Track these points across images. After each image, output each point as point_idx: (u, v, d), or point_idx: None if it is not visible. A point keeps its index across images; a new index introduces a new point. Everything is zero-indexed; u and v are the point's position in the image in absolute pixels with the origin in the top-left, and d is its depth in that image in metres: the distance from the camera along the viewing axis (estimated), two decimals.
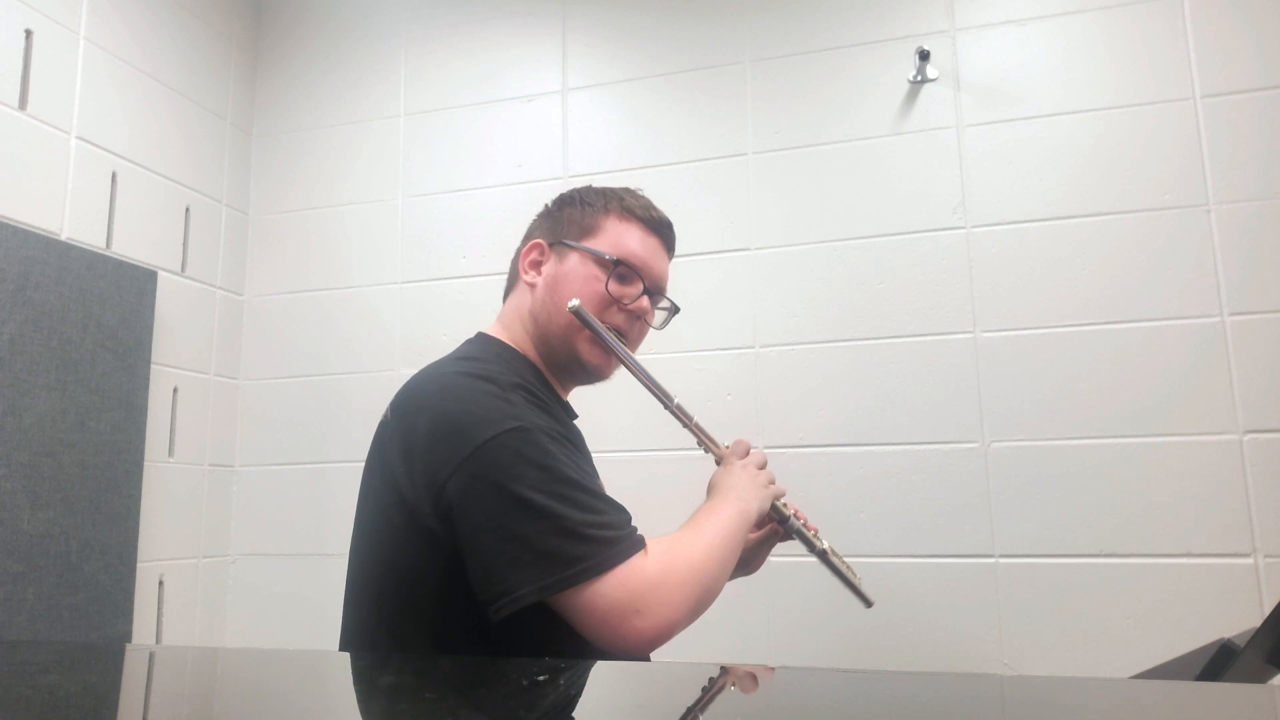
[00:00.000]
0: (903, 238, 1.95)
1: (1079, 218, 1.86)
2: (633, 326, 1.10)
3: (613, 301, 1.06)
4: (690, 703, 0.63)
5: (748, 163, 2.08)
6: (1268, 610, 1.60)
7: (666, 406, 1.08)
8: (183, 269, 2.18)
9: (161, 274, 2.08)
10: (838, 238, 1.99)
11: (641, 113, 2.17)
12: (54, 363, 1.77)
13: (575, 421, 1.13)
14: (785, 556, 1.90)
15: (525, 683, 0.61)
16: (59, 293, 1.79)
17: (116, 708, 0.64)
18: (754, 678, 0.77)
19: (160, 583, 2.05)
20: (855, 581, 1.21)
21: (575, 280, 1.06)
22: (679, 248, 2.05)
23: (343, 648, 1.02)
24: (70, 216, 1.87)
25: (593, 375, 1.09)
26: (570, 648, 0.92)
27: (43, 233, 1.79)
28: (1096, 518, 1.75)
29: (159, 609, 2.04)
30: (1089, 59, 1.90)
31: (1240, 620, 1.58)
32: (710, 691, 0.67)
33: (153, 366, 2.03)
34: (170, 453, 2.10)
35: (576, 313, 1.03)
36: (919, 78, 1.97)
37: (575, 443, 1.03)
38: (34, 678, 0.69)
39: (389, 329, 2.25)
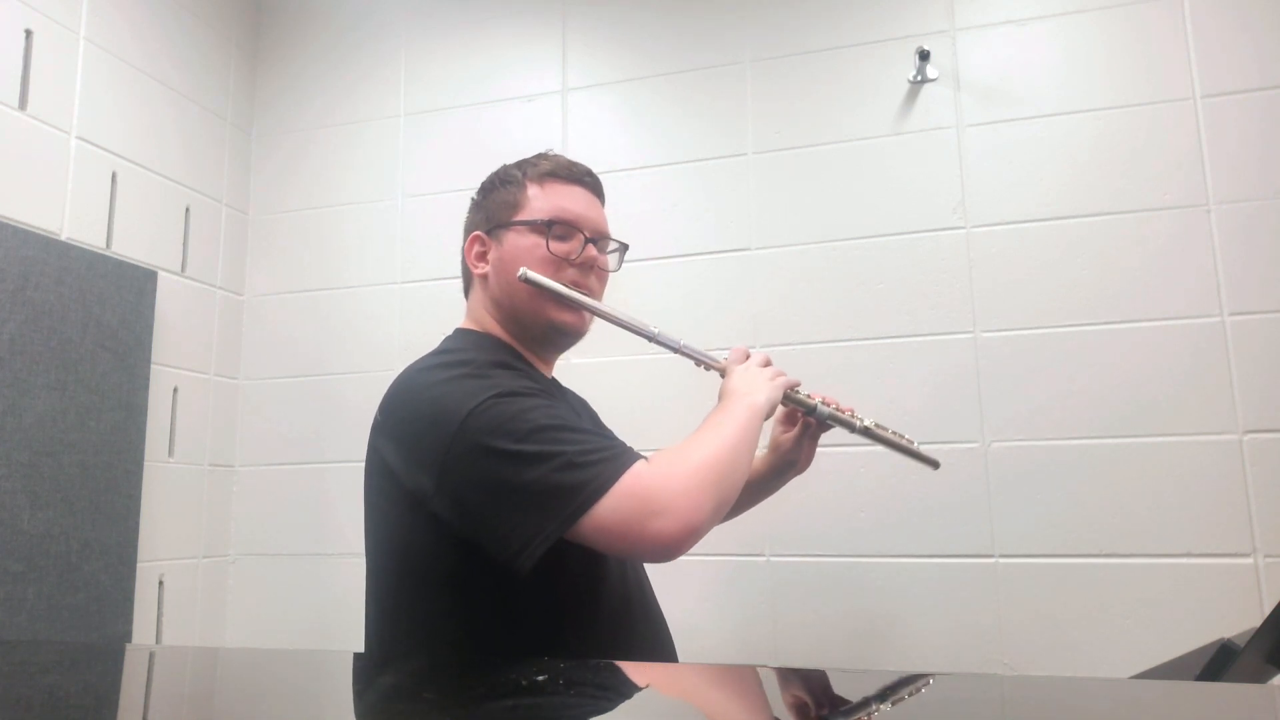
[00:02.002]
0: (903, 238, 1.95)
1: (1079, 217, 1.86)
2: (589, 278, 1.13)
3: (559, 260, 1.09)
4: (687, 701, 0.63)
5: (748, 163, 2.08)
6: (1268, 610, 1.60)
7: (652, 339, 1.12)
8: (183, 269, 2.18)
9: (161, 274, 2.08)
10: (838, 238, 1.99)
11: (641, 113, 2.17)
12: (54, 363, 1.77)
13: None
14: (785, 556, 1.91)
15: (524, 683, 0.61)
16: (59, 293, 1.79)
17: (116, 708, 0.64)
18: (755, 676, 0.77)
19: (160, 583, 2.05)
20: (913, 447, 1.21)
21: (519, 254, 1.09)
22: (681, 246, 2.07)
23: (368, 645, 1.05)
24: (70, 216, 1.87)
25: (570, 334, 1.12)
26: (594, 591, 0.99)
27: (43, 233, 1.79)
28: (1096, 518, 1.75)
29: (159, 609, 2.04)
30: (1089, 59, 1.90)
31: (1240, 620, 1.58)
32: (706, 690, 0.67)
33: (153, 366, 2.03)
34: (170, 453, 2.10)
35: (525, 279, 1.06)
36: (919, 78, 1.97)
37: (563, 399, 1.07)
38: (34, 678, 0.69)
39: (389, 329, 2.25)
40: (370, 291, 2.29)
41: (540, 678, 0.62)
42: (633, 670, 0.78)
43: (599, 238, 1.15)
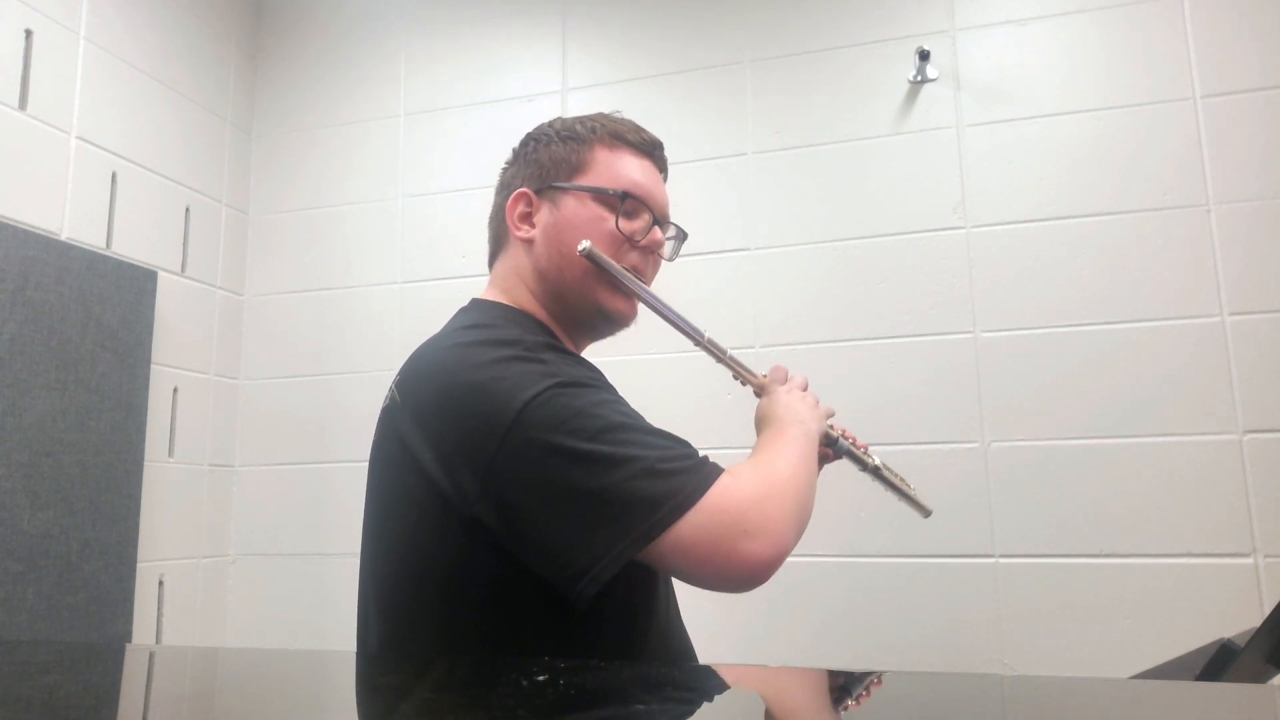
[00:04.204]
0: (903, 238, 1.95)
1: (1079, 217, 1.86)
2: (648, 263, 1.00)
3: (625, 240, 0.96)
4: (687, 702, 0.63)
5: (748, 163, 2.08)
6: (1268, 610, 1.60)
7: (698, 343, 0.99)
8: (183, 269, 2.18)
9: (161, 274, 2.08)
10: (838, 238, 1.99)
11: (641, 113, 2.15)
12: (54, 363, 1.77)
13: None
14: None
15: (525, 683, 0.61)
16: (59, 293, 1.79)
17: (116, 708, 0.64)
18: (752, 677, 0.77)
19: (160, 583, 2.05)
20: (910, 493, 1.17)
21: (580, 224, 0.95)
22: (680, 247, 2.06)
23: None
24: (70, 216, 1.87)
25: (617, 323, 0.99)
26: (646, 621, 0.87)
27: (43, 233, 1.79)
28: (1096, 518, 1.75)
29: (159, 609, 2.04)
30: (1089, 59, 1.90)
31: (1240, 620, 1.58)
32: (707, 690, 0.67)
33: (153, 366, 2.03)
34: (170, 453, 2.10)
35: (589, 256, 0.92)
36: (919, 78, 1.97)
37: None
38: (34, 678, 0.69)
39: (389, 329, 2.25)
40: (370, 291, 2.29)
41: (541, 678, 0.62)
42: (634, 670, 0.78)
43: (664, 221, 1.02)
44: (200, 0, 2.29)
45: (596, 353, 1.15)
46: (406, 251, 2.28)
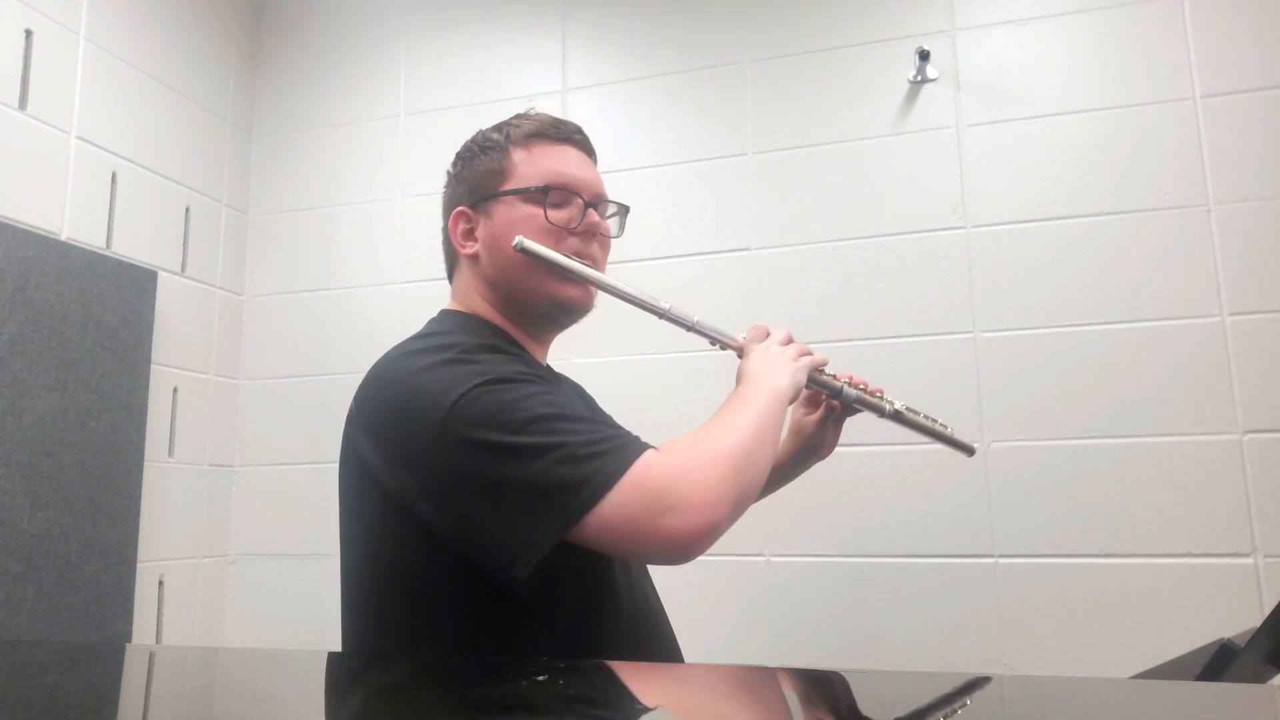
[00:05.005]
0: (903, 238, 1.95)
1: (1079, 218, 1.86)
2: (591, 246, 1.01)
3: (558, 229, 0.98)
4: (684, 700, 0.63)
5: (748, 163, 2.08)
6: (1268, 610, 1.60)
7: (662, 315, 1.01)
8: (183, 269, 2.18)
9: (161, 274, 2.08)
10: (838, 238, 1.99)
11: (641, 113, 2.17)
12: (54, 363, 1.77)
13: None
14: (785, 556, 1.91)
15: (524, 683, 0.61)
16: (59, 293, 1.79)
17: (116, 708, 0.64)
18: (754, 676, 0.77)
19: (160, 583, 2.05)
20: (946, 432, 1.13)
21: (514, 226, 0.98)
22: (681, 246, 2.07)
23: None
24: (70, 216, 1.87)
25: (575, 311, 1.01)
26: (602, 607, 0.90)
27: (43, 233, 1.79)
28: (1096, 518, 1.75)
29: (159, 609, 2.04)
30: (1089, 59, 1.90)
31: (1240, 620, 1.58)
32: (704, 689, 0.67)
33: (153, 366, 2.03)
34: (170, 453, 2.10)
35: (522, 249, 0.94)
36: (919, 78, 1.97)
37: (559, 386, 0.98)
38: (34, 678, 0.69)
39: (389, 329, 2.24)
40: (370, 291, 2.29)
41: (541, 677, 0.62)
42: (636, 671, 0.78)
43: (598, 201, 1.03)
44: (200, 0, 2.29)
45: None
46: (406, 251, 2.28)
